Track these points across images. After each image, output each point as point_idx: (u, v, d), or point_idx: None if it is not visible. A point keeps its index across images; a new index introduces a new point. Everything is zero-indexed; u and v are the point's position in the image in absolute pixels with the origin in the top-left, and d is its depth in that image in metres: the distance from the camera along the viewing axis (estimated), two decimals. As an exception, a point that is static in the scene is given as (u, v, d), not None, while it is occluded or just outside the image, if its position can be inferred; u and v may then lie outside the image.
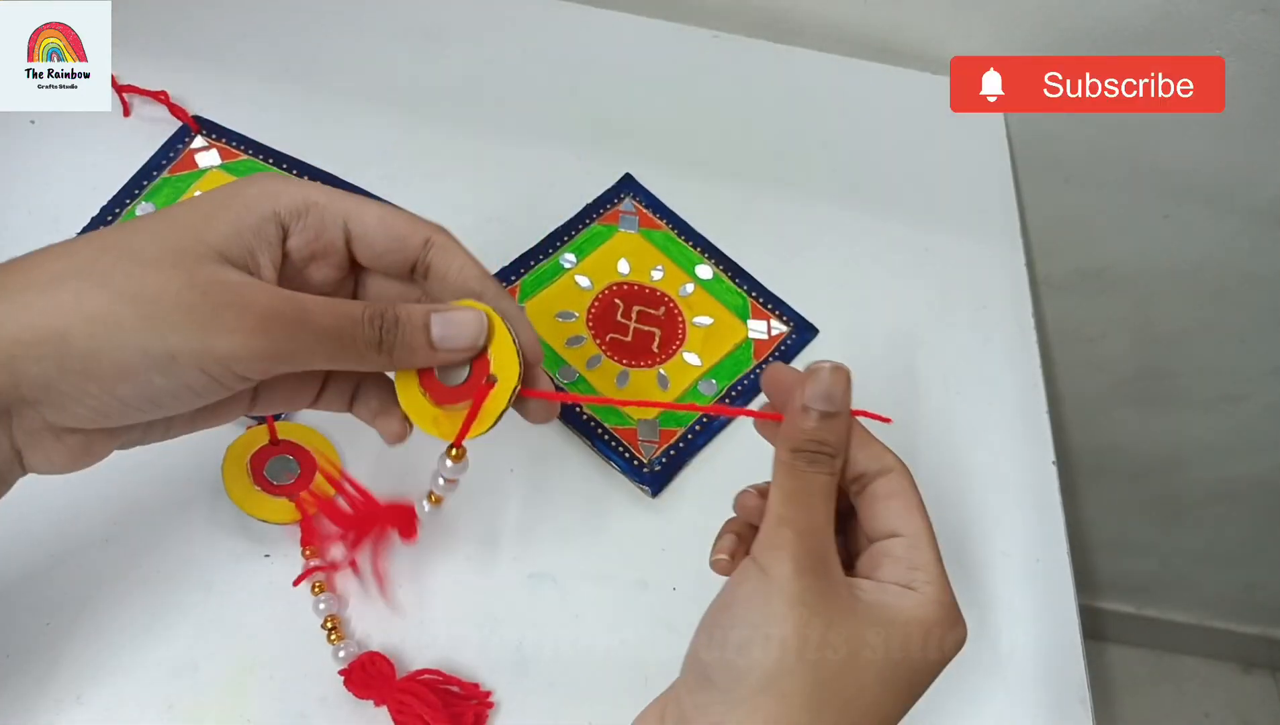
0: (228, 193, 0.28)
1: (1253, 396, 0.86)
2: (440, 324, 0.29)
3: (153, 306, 0.25)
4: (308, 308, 0.27)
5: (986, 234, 0.57)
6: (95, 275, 0.25)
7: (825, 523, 0.29)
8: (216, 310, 0.25)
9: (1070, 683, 0.43)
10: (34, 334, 0.24)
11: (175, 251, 0.25)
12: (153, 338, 0.25)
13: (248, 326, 0.26)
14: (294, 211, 0.27)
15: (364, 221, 0.29)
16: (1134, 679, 1.29)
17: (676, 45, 0.62)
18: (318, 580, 0.39)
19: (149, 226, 0.26)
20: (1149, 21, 0.59)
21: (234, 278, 0.26)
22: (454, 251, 0.30)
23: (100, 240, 0.26)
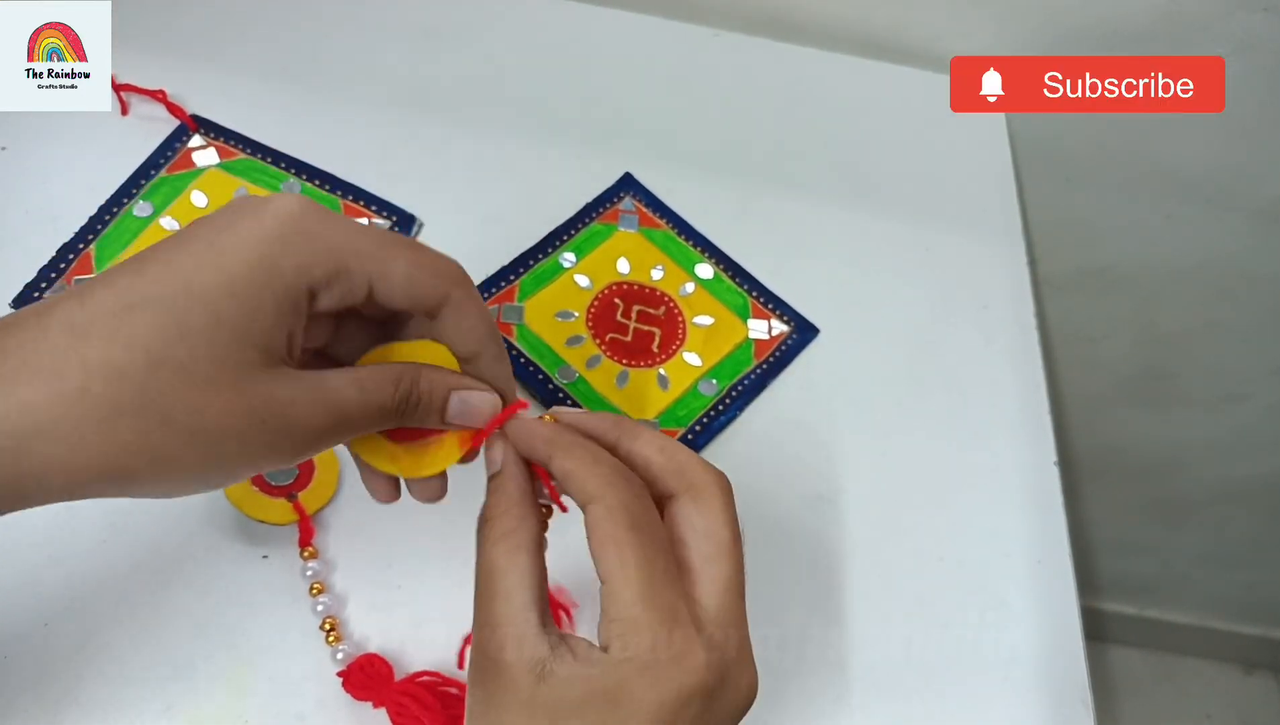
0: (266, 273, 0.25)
1: (1255, 397, 0.86)
2: (457, 403, 0.30)
3: (214, 445, 0.25)
4: (347, 414, 0.27)
5: (988, 234, 0.57)
6: (153, 410, 0.24)
7: (499, 603, 0.27)
8: (274, 439, 0.26)
9: (1072, 684, 0.43)
10: (97, 474, 0.24)
11: (226, 365, 0.24)
12: (212, 468, 0.25)
13: (298, 449, 0.27)
14: (325, 280, 0.26)
15: (389, 281, 0.28)
16: (1136, 680, 1.29)
17: (676, 43, 0.62)
18: (317, 581, 0.39)
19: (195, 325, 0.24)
20: (1149, 21, 0.58)
21: (284, 394, 0.26)
22: (466, 311, 0.30)
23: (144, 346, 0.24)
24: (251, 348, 0.25)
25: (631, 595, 0.26)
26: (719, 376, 0.48)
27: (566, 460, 0.28)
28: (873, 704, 0.41)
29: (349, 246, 0.27)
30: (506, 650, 0.26)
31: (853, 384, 0.50)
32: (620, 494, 0.27)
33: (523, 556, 0.27)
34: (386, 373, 0.29)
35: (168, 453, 0.24)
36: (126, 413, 0.23)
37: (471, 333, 0.30)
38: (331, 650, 0.37)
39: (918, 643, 0.43)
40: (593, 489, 0.27)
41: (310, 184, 0.50)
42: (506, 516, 0.28)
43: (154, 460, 0.24)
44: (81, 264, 0.45)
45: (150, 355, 0.24)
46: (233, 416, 0.25)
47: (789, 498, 0.46)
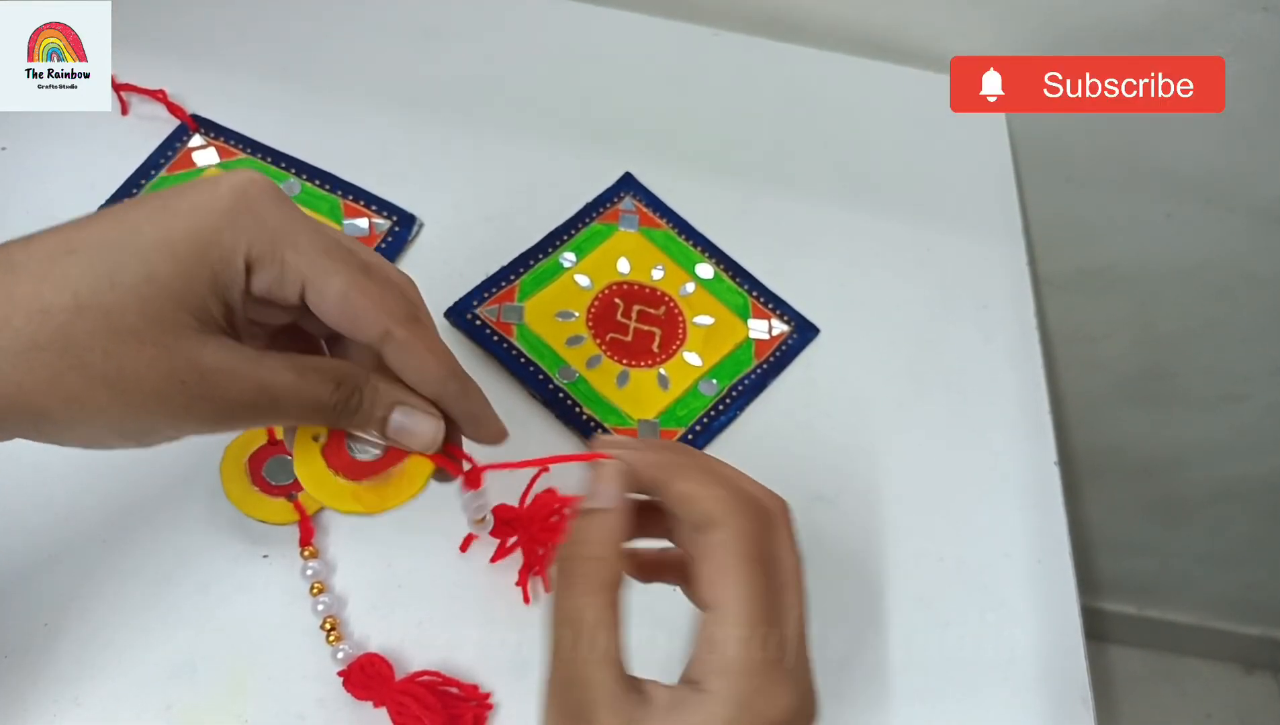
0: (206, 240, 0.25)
1: (1254, 396, 0.86)
2: (399, 419, 0.29)
3: (130, 394, 0.25)
4: (276, 396, 0.27)
5: (988, 233, 0.57)
6: (72, 351, 0.24)
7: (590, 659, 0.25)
8: (191, 402, 0.25)
9: (1072, 683, 0.43)
10: (11, 405, 0.24)
11: (154, 322, 0.24)
12: (127, 420, 0.25)
13: (219, 416, 0.26)
14: (260, 258, 0.26)
15: (322, 293, 0.27)
16: (1136, 680, 1.29)
17: (676, 43, 0.62)
18: (317, 581, 0.39)
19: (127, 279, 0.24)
20: (1150, 21, 0.58)
21: (210, 360, 0.25)
22: (412, 352, 0.28)
23: (72, 290, 0.24)
24: (184, 310, 0.25)
25: (742, 632, 0.25)
26: (719, 376, 0.48)
27: (686, 482, 0.27)
28: (873, 704, 0.41)
29: (290, 238, 0.26)
30: (600, 713, 0.25)
31: (853, 384, 0.50)
32: (745, 523, 0.26)
33: (613, 611, 0.26)
34: (331, 370, 0.28)
35: (81, 396, 0.24)
36: (45, 349, 0.24)
37: (420, 373, 0.29)
38: (331, 650, 0.37)
39: (918, 643, 0.43)
40: (718, 514, 0.26)
41: (310, 184, 0.50)
42: (608, 563, 0.26)
43: (67, 401, 0.24)
44: (81, 264, 0.44)
45: (78, 298, 0.24)
46: (152, 371, 0.24)
47: (789, 498, 0.45)
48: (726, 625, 0.25)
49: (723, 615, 0.25)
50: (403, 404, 0.29)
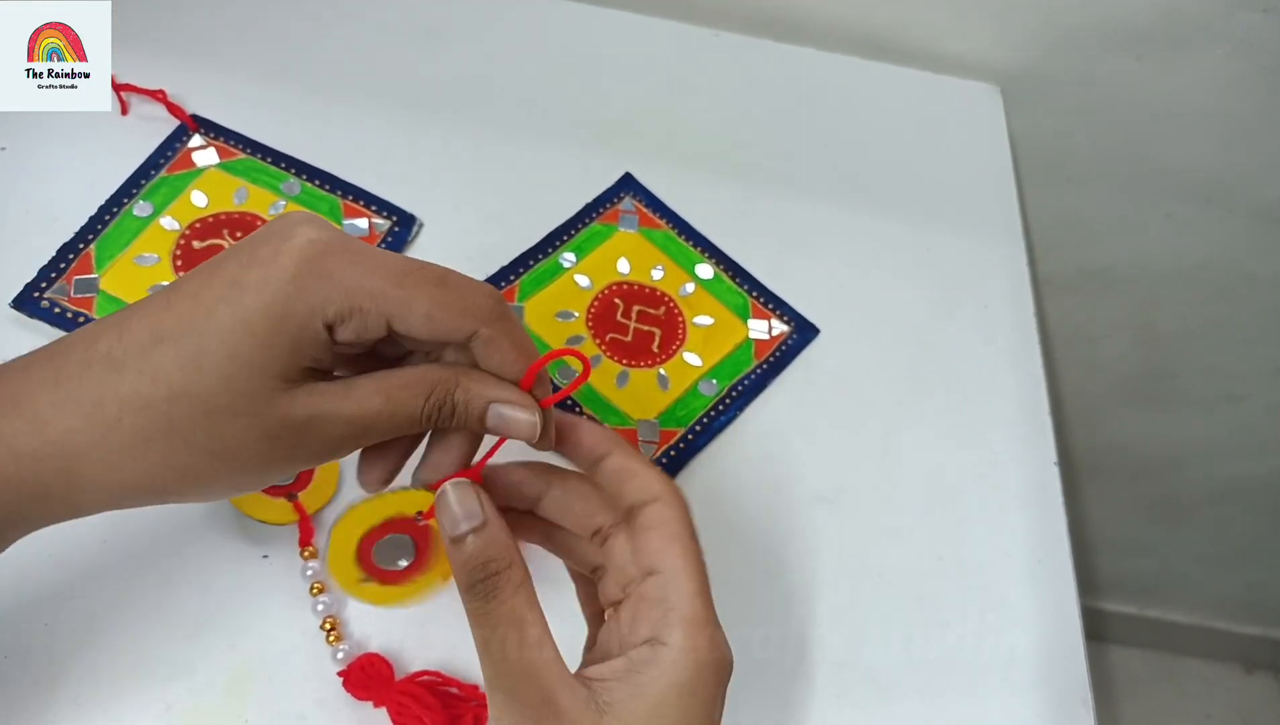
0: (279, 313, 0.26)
1: (1255, 397, 0.86)
2: (495, 417, 0.30)
3: (235, 461, 0.27)
4: (371, 426, 0.28)
5: (988, 234, 0.57)
6: (178, 435, 0.26)
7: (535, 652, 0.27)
8: (292, 451, 0.28)
9: (1072, 684, 0.43)
10: (136, 489, 0.27)
11: (243, 396, 0.26)
12: (239, 480, 0.28)
13: (320, 455, 0.28)
14: (339, 317, 0.27)
15: (407, 322, 0.28)
16: (1136, 680, 1.29)
17: (676, 44, 0.62)
18: (317, 581, 0.39)
19: (210, 364, 0.26)
20: (1150, 21, 0.58)
21: (301, 413, 0.27)
22: (498, 346, 0.29)
23: (165, 382, 0.26)
24: (267, 377, 0.27)
25: (694, 591, 0.28)
26: (719, 376, 0.48)
27: (630, 460, 0.30)
28: (873, 704, 0.41)
29: (364, 287, 0.27)
30: (560, 696, 0.27)
31: (853, 384, 0.50)
32: (680, 498, 0.30)
33: (538, 606, 0.28)
34: (420, 382, 0.29)
35: (193, 471, 0.27)
36: (154, 439, 0.26)
37: (504, 367, 0.30)
38: (331, 650, 0.37)
39: (918, 643, 0.43)
40: (659, 490, 0.30)
41: (310, 184, 0.50)
42: (515, 567, 0.28)
43: (182, 477, 0.27)
44: (81, 264, 0.45)
45: (171, 388, 0.26)
46: (249, 438, 0.27)
47: (789, 498, 0.46)
48: (680, 585, 0.28)
49: (674, 577, 0.28)
50: (497, 402, 0.30)
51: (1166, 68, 0.61)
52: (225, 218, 0.47)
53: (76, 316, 0.43)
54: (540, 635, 0.28)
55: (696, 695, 0.27)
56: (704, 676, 0.27)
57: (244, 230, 0.47)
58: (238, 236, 0.47)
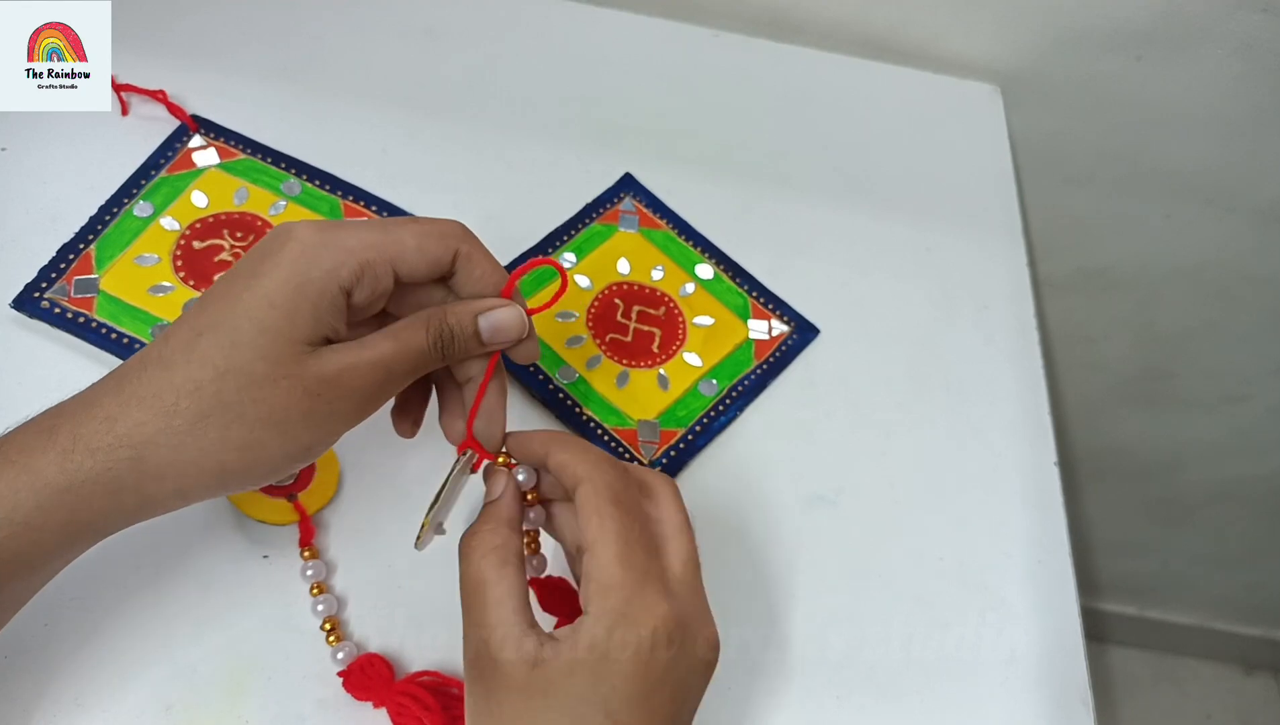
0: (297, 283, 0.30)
1: (1254, 397, 0.86)
2: (486, 323, 0.33)
3: (285, 423, 0.30)
4: (391, 367, 0.31)
5: (988, 234, 0.57)
6: (230, 408, 0.29)
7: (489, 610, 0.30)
8: (333, 407, 0.30)
9: (1072, 684, 0.43)
10: (200, 470, 0.30)
11: (280, 362, 0.29)
12: (292, 446, 0.30)
13: (358, 408, 0.31)
14: (354, 277, 0.31)
15: (407, 260, 0.32)
16: (1135, 680, 1.29)
17: (677, 44, 0.62)
18: (317, 581, 0.39)
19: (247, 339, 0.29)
20: (1150, 21, 0.58)
21: (331, 369, 0.30)
22: (477, 259, 0.33)
23: (210, 363, 0.29)
24: (295, 342, 0.30)
25: (609, 557, 0.30)
26: (719, 377, 0.48)
27: (561, 452, 0.32)
28: (873, 704, 0.41)
29: (362, 244, 0.31)
30: (505, 649, 0.29)
31: (853, 384, 0.50)
32: (605, 475, 0.31)
33: (509, 569, 0.31)
34: (416, 320, 0.32)
35: (249, 442, 0.29)
36: (210, 415, 0.29)
37: (486, 277, 0.33)
38: (331, 650, 0.37)
39: (918, 643, 0.43)
40: (582, 472, 0.31)
41: (310, 184, 0.50)
42: (494, 533, 0.32)
43: (240, 450, 0.29)
44: (82, 264, 0.44)
45: (216, 368, 0.29)
46: (292, 398, 0.29)
47: (789, 498, 0.46)
48: (597, 555, 0.30)
49: (593, 549, 0.30)
50: (481, 309, 0.33)
51: (1166, 68, 0.61)
52: (225, 218, 0.47)
53: (76, 317, 0.43)
54: (501, 596, 0.30)
55: (610, 656, 0.28)
56: (616, 637, 0.28)
57: (244, 230, 0.47)
58: (238, 236, 0.47)
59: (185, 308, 0.44)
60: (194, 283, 0.45)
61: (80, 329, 0.43)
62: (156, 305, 0.44)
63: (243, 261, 0.31)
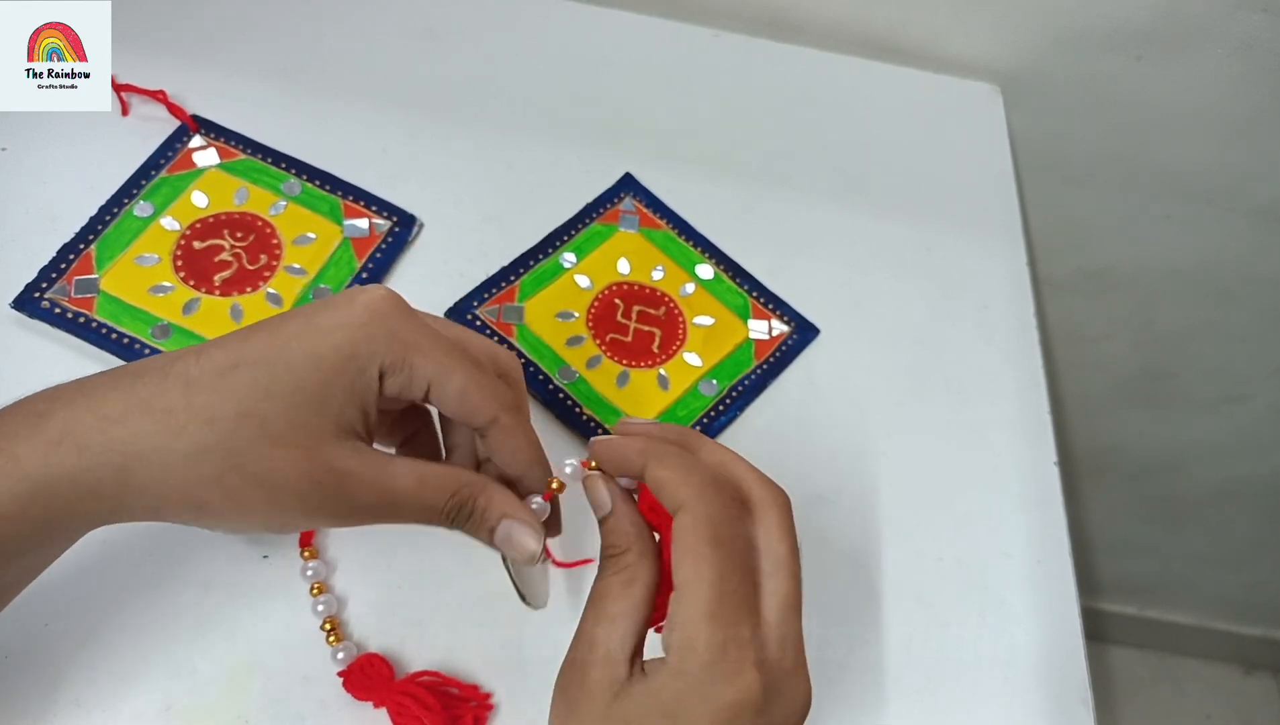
0: (347, 355, 0.29)
1: (1255, 397, 0.86)
2: (504, 531, 0.31)
3: (276, 493, 0.28)
4: (398, 503, 0.30)
5: (988, 234, 0.57)
6: (233, 455, 0.28)
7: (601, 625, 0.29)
8: (325, 500, 0.29)
9: (1072, 684, 0.43)
10: (180, 498, 0.28)
11: (300, 429, 0.28)
12: (271, 516, 0.29)
13: (345, 515, 0.30)
14: (392, 367, 0.30)
15: (445, 389, 0.30)
16: (1135, 680, 1.29)
17: (677, 44, 0.62)
18: (317, 581, 0.39)
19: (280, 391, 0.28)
20: (1150, 21, 0.58)
21: (343, 464, 0.29)
22: (512, 435, 0.32)
23: (236, 401, 0.28)
24: (326, 416, 0.28)
25: (698, 611, 0.27)
26: (719, 377, 0.48)
27: (660, 468, 0.30)
28: (873, 704, 0.41)
29: (418, 345, 0.30)
30: (595, 668, 0.28)
31: (853, 384, 0.50)
32: (708, 506, 0.28)
33: (636, 588, 0.29)
34: (450, 478, 0.31)
35: (237, 493, 0.28)
36: (211, 452, 0.28)
37: (514, 457, 0.32)
38: (331, 650, 0.37)
39: (918, 643, 0.43)
40: (683, 497, 0.29)
41: (310, 184, 0.50)
42: (628, 552, 0.30)
43: (225, 496, 0.28)
44: (82, 264, 0.44)
45: (240, 407, 0.28)
46: (294, 474, 0.28)
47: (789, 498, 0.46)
48: (685, 603, 0.27)
49: (683, 593, 0.28)
50: (509, 517, 0.31)
51: (1166, 68, 0.61)
52: (225, 218, 0.47)
53: (76, 317, 0.43)
54: (616, 614, 0.29)
55: (675, 719, 0.27)
56: (690, 706, 0.27)
57: (244, 230, 0.47)
58: (238, 237, 0.47)
59: (185, 308, 0.44)
60: (194, 283, 0.45)
61: (80, 329, 0.43)
62: (157, 305, 0.44)
63: (306, 307, 0.30)
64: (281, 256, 0.47)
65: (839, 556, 0.44)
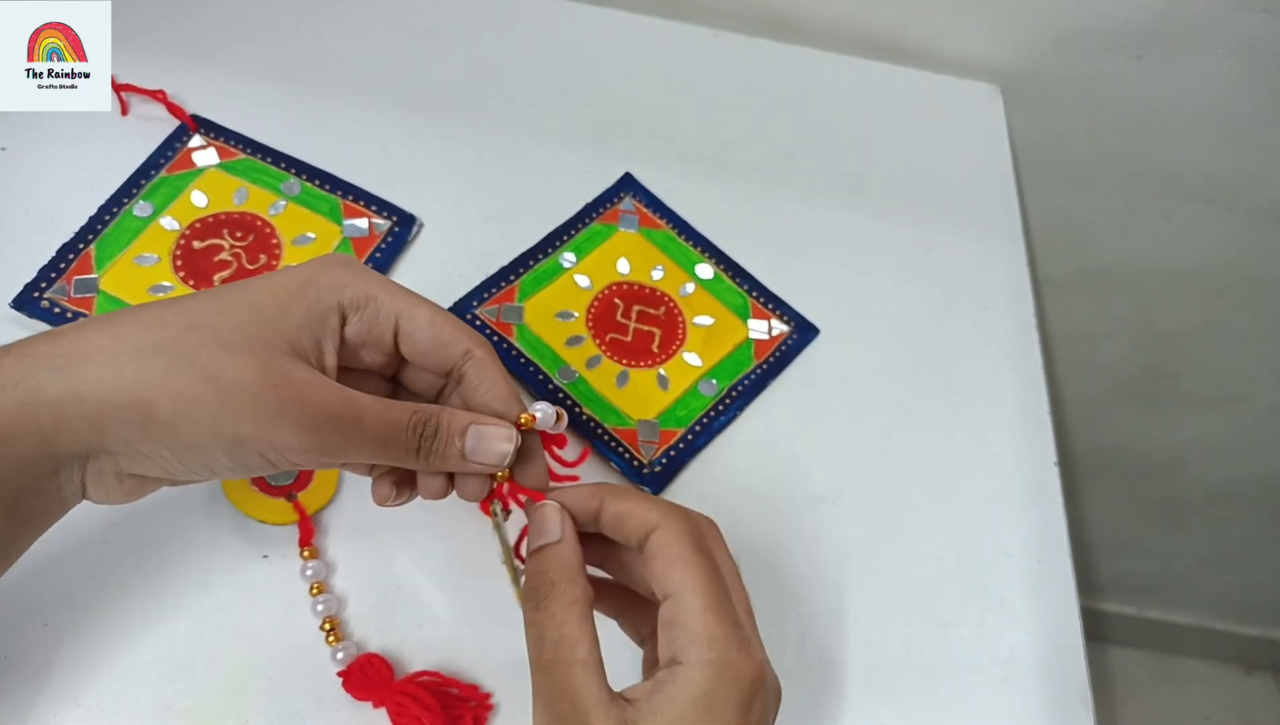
0: (302, 281, 0.30)
1: (1255, 397, 0.86)
2: (474, 438, 0.31)
3: (228, 394, 0.28)
4: (361, 412, 0.29)
5: (988, 234, 0.57)
6: (182, 354, 0.28)
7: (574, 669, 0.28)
8: (282, 405, 0.28)
9: (1072, 684, 0.43)
10: (124, 399, 0.27)
11: (253, 340, 0.28)
12: (224, 422, 0.28)
13: (306, 424, 0.28)
14: (355, 303, 0.30)
15: (414, 321, 0.31)
16: (1135, 681, 1.29)
17: (677, 44, 0.62)
18: (317, 581, 0.39)
19: (233, 309, 0.29)
20: (1150, 21, 0.58)
21: (301, 374, 0.29)
22: (488, 368, 0.32)
23: (188, 315, 0.28)
24: (278, 335, 0.29)
25: (701, 606, 0.28)
26: (719, 376, 0.48)
27: (621, 502, 0.31)
28: (873, 704, 0.41)
29: (380, 283, 0.31)
30: (593, 716, 0.27)
31: (853, 384, 0.50)
32: (682, 521, 0.30)
33: (589, 625, 0.29)
34: (405, 403, 0.31)
35: (184, 391, 0.27)
36: (159, 351, 0.28)
37: (492, 390, 0.32)
38: (331, 650, 0.37)
39: (918, 643, 0.43)
40: (654, 518, 0.30)
41: (310, 184, 0.50)
42: (573, 584, 0.30)
43: (173, 396, 0.27)
44: (81, 264, 0.45)
45: (190, 319, 0.28)
46: (247, 373, 0.28)
47: (789, 498, 0.46)
48: (688, 603, 0.28)
49: (682, 597, 0.28)
50: (476, 423, 0.31)
51: (1166, 68, 0.61)
52: (225, 218, 0.47)
53: (76, 317, 0.43)
54: (585, 654, 0.28)
55: (713, 710, 0.27)
56: (719, 691, 0.27)
57: (244, 230, 0.47)
58: (238, 236, 0.47)
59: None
60: (194, 282, 0.45)
61: (80, 329, 0.43)
62: (156, 305, 0.44)
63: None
64: (281, 256, 0.47)
65: (839, 556, 0.44)
